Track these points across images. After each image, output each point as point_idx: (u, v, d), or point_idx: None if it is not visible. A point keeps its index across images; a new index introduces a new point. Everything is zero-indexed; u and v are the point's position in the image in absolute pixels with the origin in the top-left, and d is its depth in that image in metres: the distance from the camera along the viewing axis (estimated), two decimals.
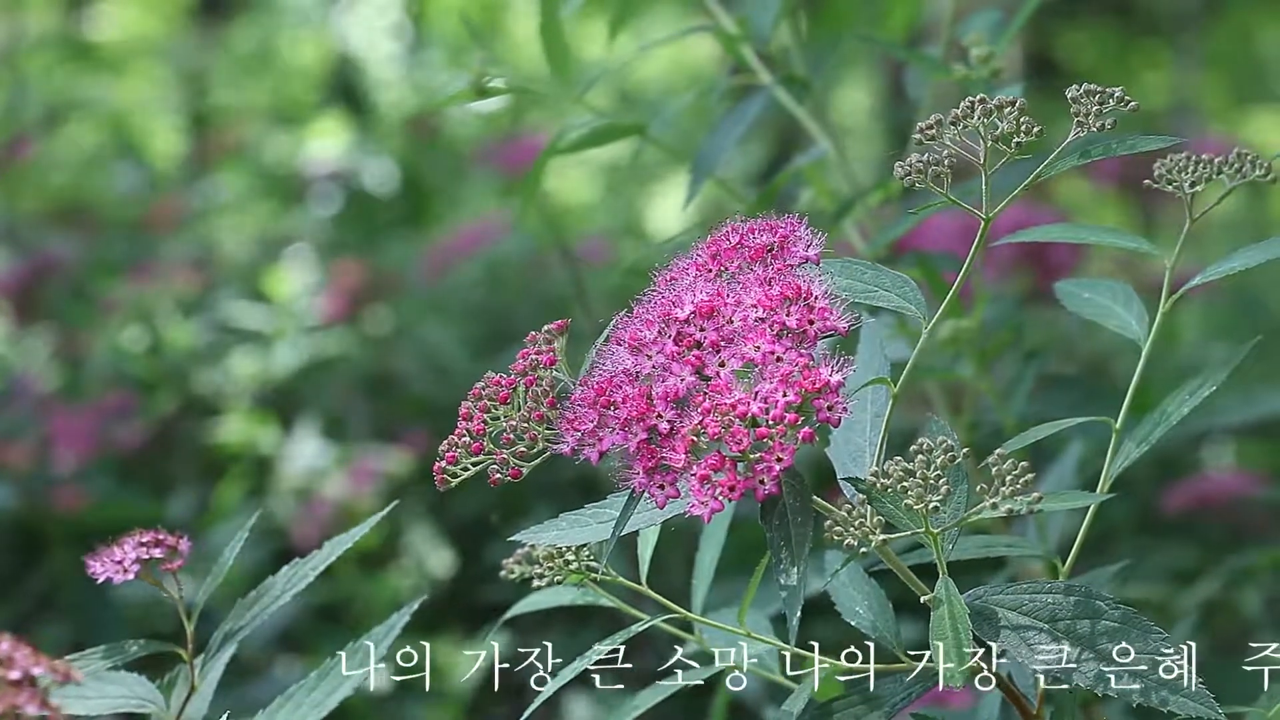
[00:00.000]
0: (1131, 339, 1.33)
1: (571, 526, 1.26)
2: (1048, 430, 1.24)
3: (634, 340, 1.15)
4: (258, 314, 3.85)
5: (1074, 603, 1.16)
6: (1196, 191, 1.26)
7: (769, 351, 1.11)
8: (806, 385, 1.09)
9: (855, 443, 1.25)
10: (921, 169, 1.20)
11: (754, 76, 1.96)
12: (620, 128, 1.92)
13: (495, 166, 4.53)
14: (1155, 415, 1.28)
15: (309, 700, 1.28)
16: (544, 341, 1.22)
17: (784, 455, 1.07)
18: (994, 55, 1.79)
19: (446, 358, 3.83)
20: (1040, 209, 2.60)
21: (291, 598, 1.31)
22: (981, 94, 1.76)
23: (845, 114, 6.66)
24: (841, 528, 1.10)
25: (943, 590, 1.13)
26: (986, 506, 1.10)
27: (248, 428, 3.55)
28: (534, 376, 1.21)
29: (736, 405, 1.08)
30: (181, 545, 1.32)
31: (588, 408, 1.15)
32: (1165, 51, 7.43)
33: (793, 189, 2.07)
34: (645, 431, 1.12)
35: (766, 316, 1.13)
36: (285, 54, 7.63)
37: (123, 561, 1.30)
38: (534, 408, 1.19)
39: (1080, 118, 1.21)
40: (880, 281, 1.23)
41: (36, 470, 3.23)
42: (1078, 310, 1.40)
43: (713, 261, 1.21)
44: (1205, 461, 3.07)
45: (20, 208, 5.20)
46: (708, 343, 1.13)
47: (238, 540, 1.34)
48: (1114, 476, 1.29)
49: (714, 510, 1.07)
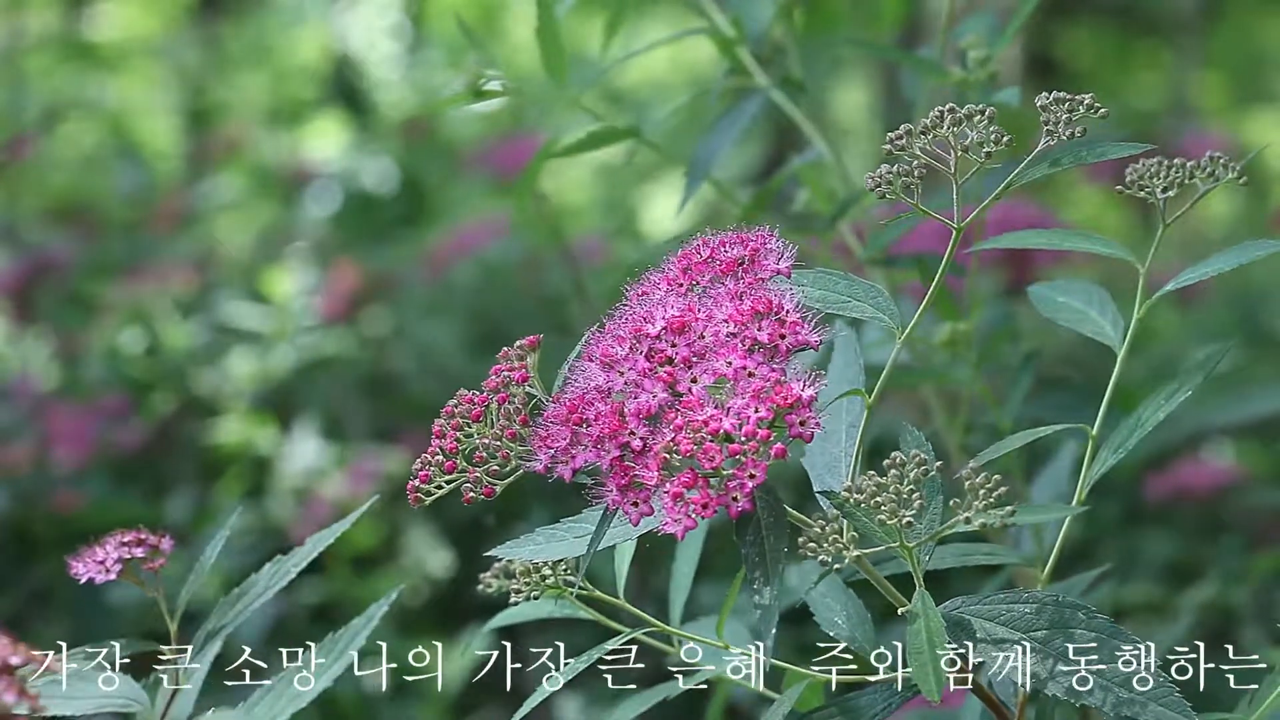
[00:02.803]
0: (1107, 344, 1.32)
1: (548, 541, 1.26)
2: (1022, 440, 1.23)
3: (606, 357, 1.14)
4: (256, 314, 3.85)
5: (1049, 612, 1.16)
6: (1169, 196, 1.25)
7: (741, 367, 1.11)
8: (778, 400, 1.08)
9: (831, 453, 1.24)
10: (891, 180, 1.19)
11: (750, 78, 1.96)
12: (614, 131, 1.92)
13: (493, 166, 4.53)
14: (1131, 421, 1.28)
15: (288, 693, 1.28)
16: (516, 358, 1.22)
17: (757, 472, 1.06)
18: (990, 58, 1.79)
19: (444, 358, 3.83)
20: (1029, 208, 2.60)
21: (274, 594, 1.31)
22: (978, 97, 1.76)
23: (845, 113, 6.66)
24: (815, 544, 1.09)
25: (919, 603, 1.12)
26: (960, 520, 1.09)
27: (246, 428, 3.54)
28: (506, 393, 1.20)
29: (709, 422, 1.08)
30: (164, 545, 1.32)
31: (560, 425, 1.14)
32: (1165, 51, 7.43)
33: (789, 190, 2.07)
34: (618, 449, 1.11)
35: (738, 331, 1.12)
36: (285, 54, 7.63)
37: (104, 561, 1.30)
38: (507, 425, 1.18)
39: (1050, 126, 1.20)
40: (853, 292, 1.22)
41: (34, 471, 3.23)
42: (1052, 315, 1.39)
43: (684, 275, 1.20)
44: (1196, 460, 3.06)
45: (20, 207, 5.20)
46: (679, 359, 1.13)
47: (218, 540, 1.34)
48: (1092, 483, 1.28)
49: (687, 528, 1.06)
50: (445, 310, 4.21)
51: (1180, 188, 1.25)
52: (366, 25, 6.26)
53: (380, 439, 3.53)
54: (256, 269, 4.31)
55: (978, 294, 1.92)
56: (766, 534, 1.10)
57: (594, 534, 1.17)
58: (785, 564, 1.09)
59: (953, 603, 1.18)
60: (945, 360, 1.92)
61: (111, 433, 3.44)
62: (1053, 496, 1.87)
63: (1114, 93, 7.56)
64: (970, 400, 1.95)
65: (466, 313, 4.22)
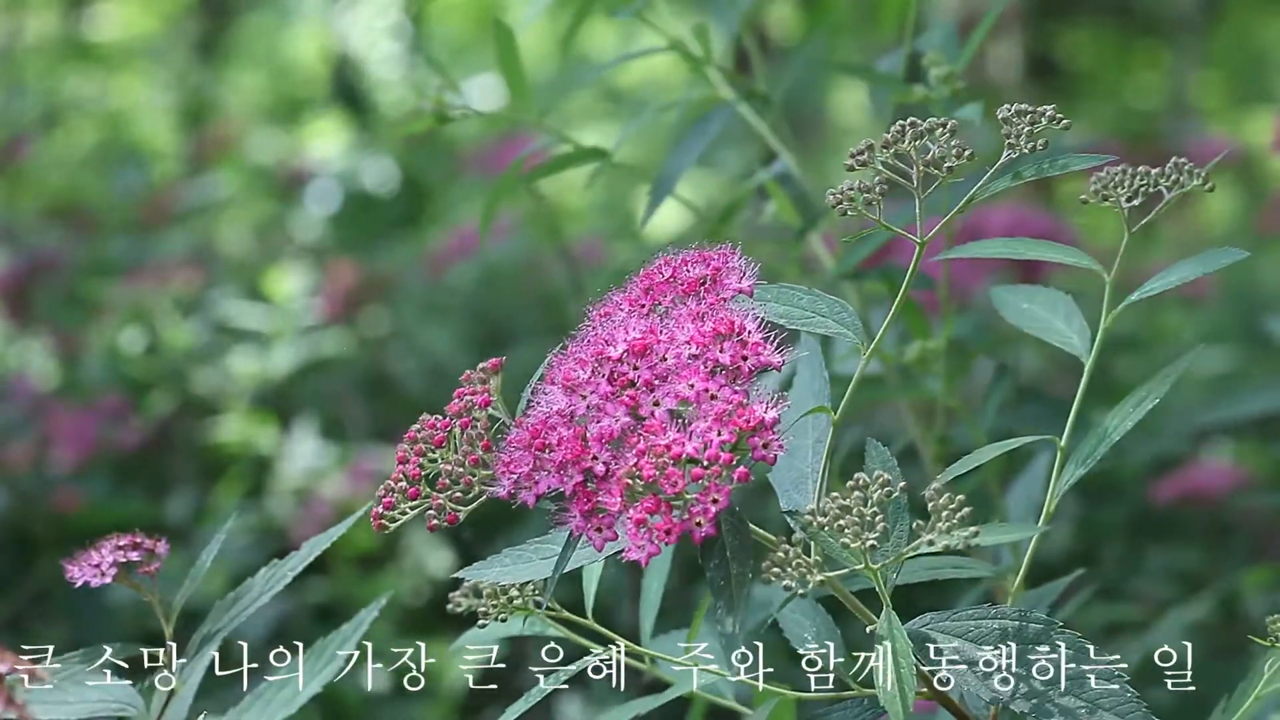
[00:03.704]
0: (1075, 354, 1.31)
1: (515, 563, 1.25)
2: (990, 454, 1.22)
3: (568, 380, 1.13)
4: (256, 314, 3.85)
5: (1017, 628, 1.15)
6: (1134, 205, 1.24)
7: (703, 389, 1.09)
8: (741, 424, 1.07)
9: (797, 469, 1.23)
10: (853, 196, 1.18)
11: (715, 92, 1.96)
12: (580, 154, 1.92)
13: (492, 167, 4.53)
14: (1099, 432, 1.26)
15: (279, 697, 1.28)
16: (479, 380, 1.20)
17: (720, 496, 1.05)
18: (953, 74, 1.77)
19: (443, 358, 3.83)
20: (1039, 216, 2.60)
21: (276, 596, 1.31)
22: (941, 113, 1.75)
23: (846, 112, 6.66)
24: (779, 568, 1.08)
25: (885, 624, 1.12)
26: (924, 542, 1.09)
27: (246, 428, 3.55)
28: (469, 418, 1.19)
29: (671, 446, 1.07)
30: (159, 548, 1.31)
31: (523, 450, 1.13)
32: (1165, 51, 7.43)
33: (759, 202, 2.06)
34: (581, 474, 1.10)
35: (700, 353, 1.11)
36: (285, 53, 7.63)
37: (100, 565, 1.29)
38: (469, 451, 1.17)
39: (1011, 139, 1.19)
40: (817, 307, 1.21)
41: (33, 471, 3.23)
42: (1016, 322, 1.38)
43: (646, 296, 1.19)
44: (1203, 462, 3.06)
45: (19, 207, 5.20)
46: (641, 382, 1.12)
47: (214, 544, 1.34)
48: (1059, 496, 1.27)
49: (650, 554, 1.05)
50: (444, 311, 4.21)
51: (1145, 196, 1.24)
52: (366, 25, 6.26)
53: (380, 439, 3.53)
54: (256, 268, 4.31)
55: (949, 309, 1.91)
56: (731, 558, 1.09)
57: (559, 558, 1.17)
58: (750, 588, 1.08)
59: (921, 619, 1.18)
60: (917, 374, 1.92)
61: (111, 433, 3.44)
62: (1027, 506, 1.86)
63: (1114, 93, 7.57)
64: (945, 412, 1.94)
65: (466, 313, 4.23)
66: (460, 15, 7.23)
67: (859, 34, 4.55)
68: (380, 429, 3.64)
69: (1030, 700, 1.12)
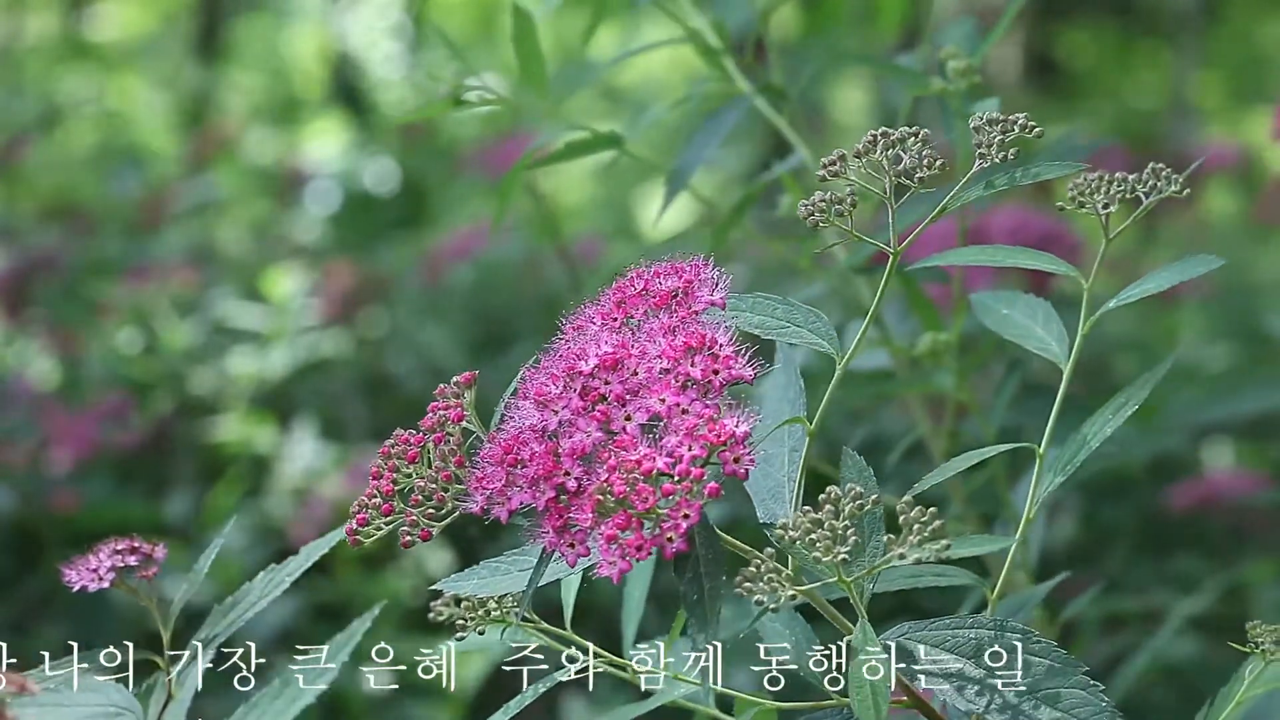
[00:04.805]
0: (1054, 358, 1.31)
1: (491, 575, 1.25)
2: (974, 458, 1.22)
3: (540, 395, 1.12)
4: (254, 314, 3.85)
5: (993, 639, 1.15)
6: (1111, 211, 1.24)
7: (674, 404, 1.09)
8: (712, 438, 1.06)
9: (774, 478, 1.22)
10: (825, 207, 1.18)
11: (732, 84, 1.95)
12: (595, 140, 1.91)
13: (492, 167, 4.53)
14: (1078, 438, 1.26)
15: (272, 709, 1.27)
16: (453, 395, 1.20)
17: (691, 512, 1.04)
18: (971, 68, 1.78)
19: (441, 359, 3.83)
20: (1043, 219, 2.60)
21: (276, 598, 1.31)
22: (959, 107, 1.75)
23: (845, 113, 6.66)
24: (751, 583, 1.08)
25: (860, 634, 1.11)
26: (894, 556, 1.08)
27: (245, 428, 3.54)
28: (442, 434, 1.18)
29: (642, 461, 1.06)
30: (157, 553, 1.31)
31: (495, 465, 1.12)
32: (1165, 51, 7.43)
33: (773, 195, 2.06)
34: (553, 489, 1.10)
35: (671, 367, 1.11)
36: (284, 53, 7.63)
37: (98, 570, 1.29)
38: (442, 467, 1.17)
39: (981, 149, 1.19)
40: (792, 317, 1.20)
41: (33, 472, 3.23)
42: (996, 328, 1.38)
43: (618, 309, 1.18)
44: (1205, 462, 3.07)
45: (18, 207, 5.20)
46: (613, 396, 1.11)
47: (212, 548, 1.34)
48: (1039, 503, 1.27)
49: (622, 570, 1.05)
50: (443, 311, 4.21)
51: (1122, 201, 1.24)
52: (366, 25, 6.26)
53: (379, 439, 3.52)
54: (255, 269, 4.30)
55: (963, 302, 1.91)
56: (704, 573, 1.08)
57: (533, 573, 1.16)
58: (722, 603, 1.08)
59: (899, 628, 1.18)
60: (929, 368, 1.91)
61: (111, 433, 3.44)
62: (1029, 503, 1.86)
63: (1114, 93, 7.57)
64: (955, 407, 1.94)
65: (464, 313, 4.23)
66: (460, 15, 7.24)
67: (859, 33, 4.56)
68: (379, 429, 3.64)
69: (1005, 712, 1.12)
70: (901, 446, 1.96)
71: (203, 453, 3.60)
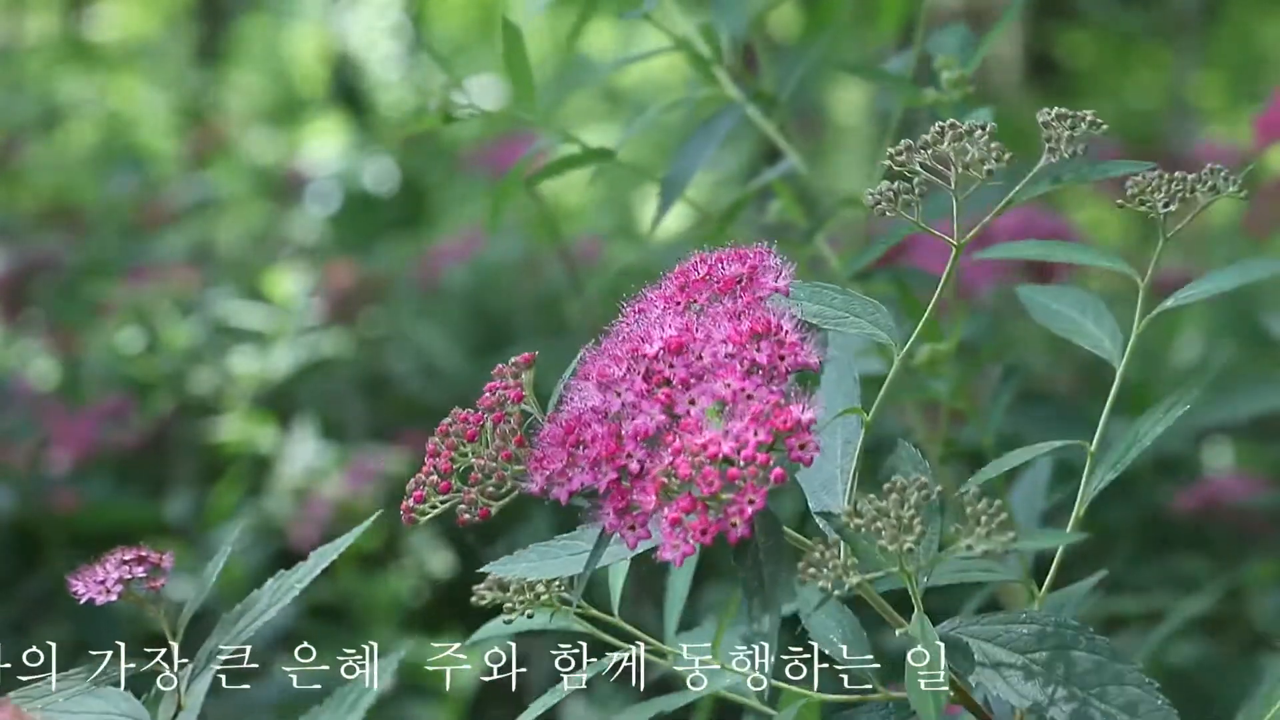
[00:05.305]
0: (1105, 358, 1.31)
1: (542, 559, 1.23)
2: (1023, 456, 1.22)
3: (602, 377, 1.12)
4: (255, 314, 3.85)
5: (1049, 635, 1.14)
6: (1170, 211, 1.24)
7: (739, 389, 1.08)
8: (778, 424, 1.05)
9: (826, 470, 1.22)
10: (893, 197, 1.17)
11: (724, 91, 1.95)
12: (586, 155, 1.91)
13: (492, 167, 4.53)
14: (1129, 437, 1.26)
15: None
16: (512, 375, 1.19)
17: (756, 497, 1.04)
18: (964, 78, 1.77)
19: (441, 359, 3.83)
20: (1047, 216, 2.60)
21: (278, 611, 1.30)
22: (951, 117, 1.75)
23: (844, 112, 6.66)
24: (815, 569, 1.07)
25: (917, 628, 1.11)
26: (963, 547, 1.07)
27: (245, 428, 3.54)
28: (502, 413, 1.18)
29: (708, 445, 1.05)
30: (165, 562, 1.31)
31: (556, 446, 1.12)
32: (1165, 51, 7.43)
33: (764, 201, 2.06)
34: (615, 471, 1.09)
35: (736, 353, 1.10)
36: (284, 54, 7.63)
37: (105, 581, 1.28)
38: (502, 446, 1.16)
39: (1052, 143, 1.19)
40: (851, 307, 1.20)
41: (33, 472, 3.23)
42: (1046, 322, 1.37)
43: (681, 293, 1.18)
44: (1205, 462, 3.06)
45: (18, 207, 5.19)
46: (677, 380, 1.10)
47: (220, 556, 1.33)
48: (1089, 501, 1.27)
49: (685, 554, 1.04)
50: (441, 312, 4.20)
51: (1181, 202, 1.24)
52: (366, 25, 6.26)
53: (379, 439, 3.53)
54: (255, 269, 4.30)
55: (959, 311, 1.91)
56: (765, 560, 1.07)
57: (591, 555, 1.15)
58: (784, 590, 1.07)
59: (950, 623, 1.17)
60: (926, 374, 1.91)
61: (111, 433, 3.43)
62: (1029, 508, 1.85)
63: (1114, 93, 7.56)
64: (951, 413, 1.93)
65: (463, 314, 4.22)
66: (460, 15, 7.23)
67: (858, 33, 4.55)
68: (379, 429, 3.64)
69: (1064, 705, 1.11)
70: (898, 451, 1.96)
71: (203, 453, 3.60)
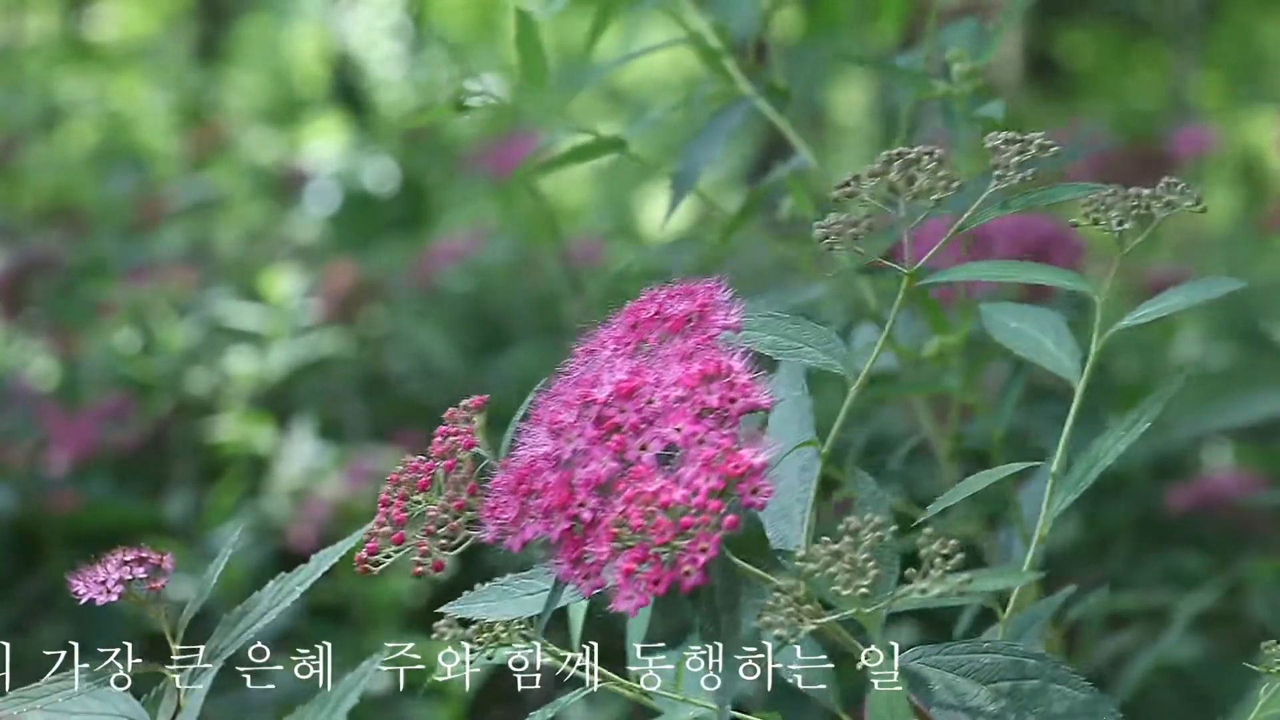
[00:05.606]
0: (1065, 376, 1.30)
1: (500, 599, 1.23)
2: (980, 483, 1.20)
3: (553, 423, 1.09)
4: (253, 314, 3.84)
5: (1011, 663, 1.13)
6: (1125, 228, 1.23)
7: (691, 433, 1.06)
8: (729, 470, 1.03)
9: (783, 500, 1.20)
10: (840, 230, 1.16)
11: (734, 85, 1.95)
12: (599, 144, 1.90)
13: (492, 167, 4.53)
14: (1089, 456, 1.25)
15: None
16: (462, 420, 1.17)
17: (709, 545, 1.02)
18: (976, 70, 1.76)
19: (439, 360, 3.83)
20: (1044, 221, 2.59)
21: (278, 614, 1.30)
22: (963, 109, 1.74)
23: (844, 112, 6.66)
24: (770, 617, 1.06)
25: (877, 663, 1.10)
26: (915, 590, 1.06)
27: (244, 428, 3.54)
28: (453, 460, 1.16)
29: (659, 493, 1.03)
30: (165, 563, 1.30)
31: (509, 495, 1.09)
32: (1165, 51, 7.43)
33: (775, 197, 2.05)
34: (568, 521, 1.06)
35: (688, 395, 1.08)
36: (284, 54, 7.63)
37: (105, 581, 1.28)
38: (454, 495, 1.14)
39: (999, 170, 1.17)
40: (804, 337, 1.19)
41: (32, 472, 3.23)
42: (1006, 342, 1.36)
43: (631, 333, 1.16)
44: (1204, 464, 3.06)
45: (17, 207, 5.19)
46: (628, 425, 1.08)
47: (221, 557, 1.33)
48: (1050, 522, 1.26)
49: (639, 605, 1.02)
50: (441, 312, 4.20)
51: (1137, 218, 1.23)
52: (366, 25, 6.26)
53: (377, 439, 3.52)
54: (253, 269, 4.30)
55: (970, 304, 1.90)
56: (720, 607, 1.06)
57: (549, 599, 1.14)
58: (740, 635, 1.06)
59: (913, 652, 1.15)
60: (934, 370, 1.90)
61: (110, 433, 3.43)
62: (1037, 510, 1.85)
63: (1114, 93, 7.57)
64: (960, 409, 1.93)
65: (462, 315, 4.22)
66: (460, 15, 7.23)
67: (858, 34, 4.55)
68: (378, 429, 3.64)
69: None
70: (905, 448, 1.96)
71: (202, 453, 3.60)
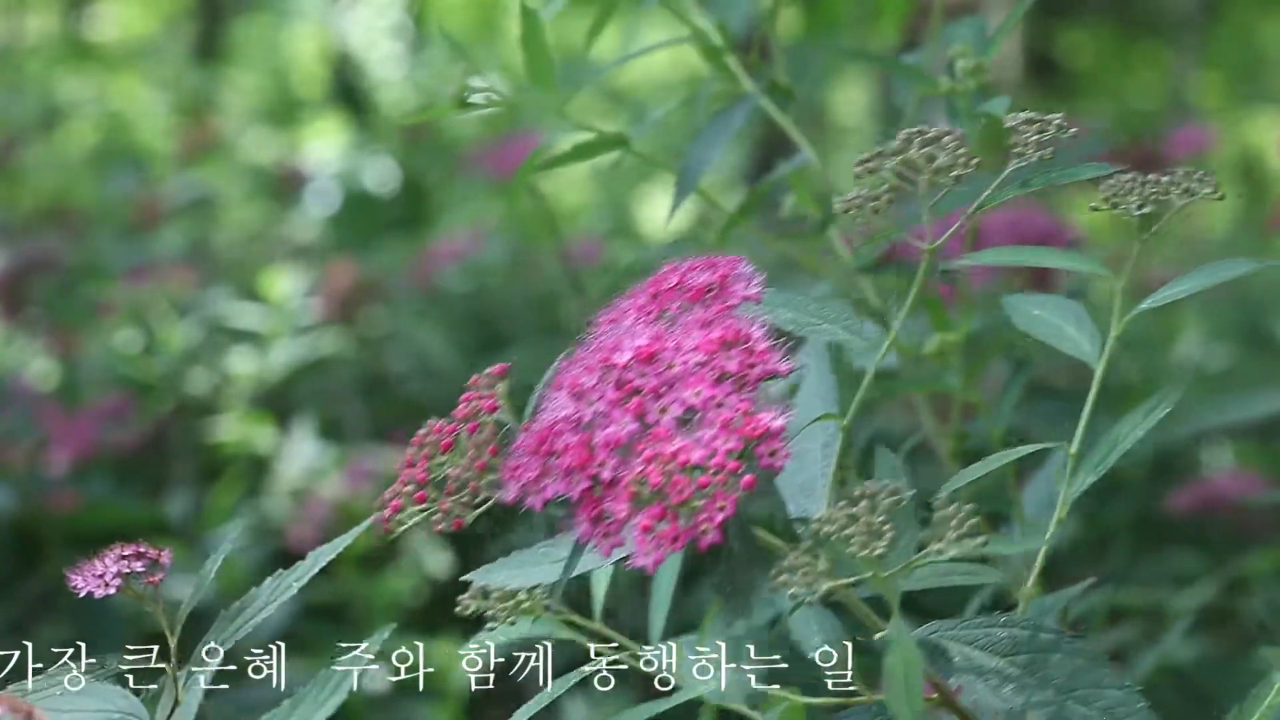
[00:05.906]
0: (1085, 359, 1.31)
1: (522, 566, 1.24)
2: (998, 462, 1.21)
3: (575, 386, 1.11)
4: (253, 314, 3.85)
5: (1027, 637, 1.14)
6: (1145, 213, 1.24)
7: (709, 397, 1.08)
8: (748, 431, 1.05)
9: (806, 474, 1.22)
10: (860, 203, 1.18)
11: (737, 84, 1.94)
12: (602, 142, 1.90)
13: (492, 167, 4.53)
14: (1110, 438, 1.26)
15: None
16: (485, 386, 1.19)
17: (726, 504, 1.03)
18: (980, 67, 1.77)
19: (439, 359, 3.83)
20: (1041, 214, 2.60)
21: (276, 609, 1.30)
22: (967, 106, 1.75)
23: (844, 112, 6.67)
24: (787, 575, 1.07)
25: (893, 631, 1.10)
26: (932, 552, 1.07)
27: (244, 428, 3.54)
28: (476, 423, 1.18)
29: (678, 453, 1.05)
30: (164, 558, 1.31)
31: (530, 455, 1.11)
32: (1165, 51, 7.43)
33: (777, 195, 2.06)
34: (588, 480, 1.08)
35: (707, 361, 1.10)
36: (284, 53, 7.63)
37: (103, 575, 1.28)
38: (476, 456, 1.16)
39: (1019, 149, 1.19)
40: (824, 314, 1.20)
41: (32, 472, 3.23)
42: (1027, 329, 1.37)
43: (653, 303, 1.17)
44: (1204, 462, 3.07)
45: (17, 207, 5.20)
46: (648, 389, 1.10)
47: (219, 554, 1.34)
48: (1070, 503, 1.27)
49: (656, 561, 1.04)
50: (440, 312, 4.21)
51: (1155, 204, 1.24)
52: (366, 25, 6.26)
53: (377, 439, 3.53)
54: (253, 269, 4.30)
55: (971, 301, 1.90)
56: (737, 566, 1.08)
57: (567, 563, 1.16)
58: (757, 595, 1.07)
59: (930, 626, 1.17)
60: (935, 368, 1.91)
61: (110, 433, 3.43)
62: (1042, 502, 1.85)
63: (1114, 92, 7.57)
64: (961, 407, 1.93)
65: (462, 314, 4.22)
66: (460, 15, 7.23)
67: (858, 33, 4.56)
68: (378, 429, 3.64)
69: (1042, 710, 1.11)
70: (907, 445, 1.96)
71: (202, 453, 3.60)
